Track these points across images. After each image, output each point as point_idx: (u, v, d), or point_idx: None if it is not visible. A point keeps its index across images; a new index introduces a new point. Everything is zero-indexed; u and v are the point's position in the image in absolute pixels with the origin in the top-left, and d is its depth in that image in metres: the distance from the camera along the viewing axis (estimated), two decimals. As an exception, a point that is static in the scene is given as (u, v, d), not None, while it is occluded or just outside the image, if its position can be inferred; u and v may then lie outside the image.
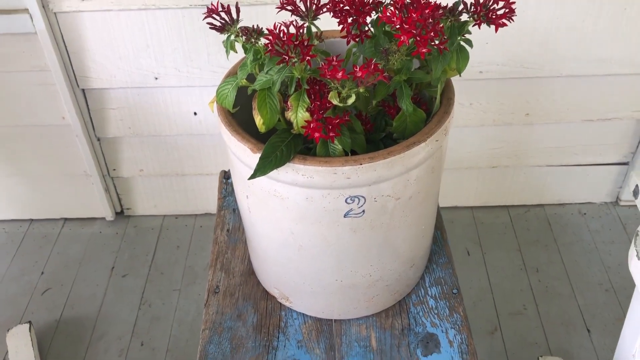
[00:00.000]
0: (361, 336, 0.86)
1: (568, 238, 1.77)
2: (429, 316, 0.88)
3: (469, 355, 0.82)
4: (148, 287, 1.72)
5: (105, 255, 1.81)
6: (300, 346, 0.85)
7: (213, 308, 0.90)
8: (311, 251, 0.78)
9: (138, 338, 1.59)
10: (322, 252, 0.77)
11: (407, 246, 0.81)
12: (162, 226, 1.89)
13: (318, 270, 0.80)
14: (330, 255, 0.78)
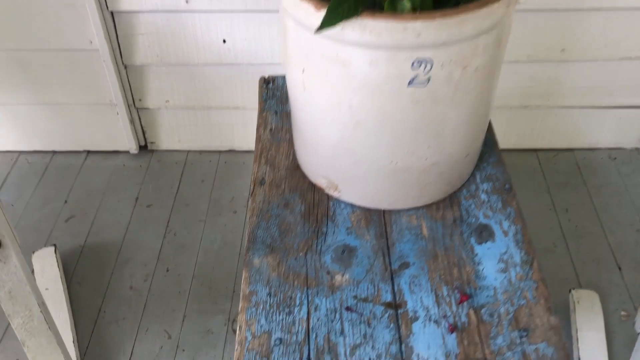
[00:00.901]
0: (412, 225, 0.84)
1: (598, 181, 1.75)
2: (481, 209, 0.86)
3: (525, 244, 0.81)
4: (173, 217, 1.70)
5: (129, 186, 1.80)
6: (349, 232, 0.83)
7: (260, 197, 0.88)
8: (368, 128, 0.76)
9: (163, 264, 1.58)
10: (380, 128, 0.75)
11: (465, 128, 0.78)
12: (186, 161, 1.87)
13: (373, 150, 0.78)
14: (388, 132, 0.75)
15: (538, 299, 0.75)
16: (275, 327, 0.74)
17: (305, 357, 0.71)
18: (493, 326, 0.73)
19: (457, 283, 0.77)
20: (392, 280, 0.78)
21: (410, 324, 0.73)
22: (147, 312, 1.48)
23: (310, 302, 0.76)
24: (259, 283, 0.78)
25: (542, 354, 0.70)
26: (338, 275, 0.79)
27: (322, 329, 0.73)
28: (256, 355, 0.71)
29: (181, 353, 1.39)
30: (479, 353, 0.70)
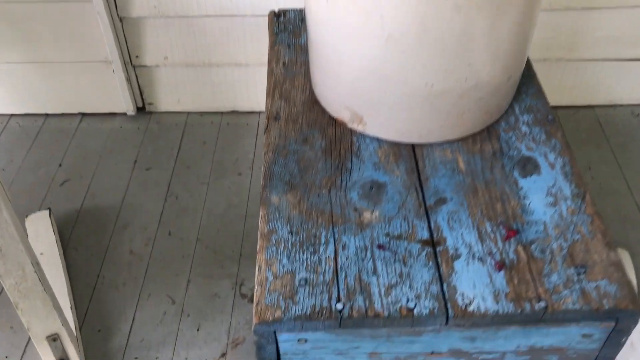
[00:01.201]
0: (446, 159, 0.76)
1: (621, 138, 1.66)
2: (523, 141, 0.77)
3: (575, 176, 0.72)
4: (174, 180, 1.61)
5: (127, 149, 1.70)
6: (377, 168, 0.75)
7: (275, 133, 0.79)
8: (402, 42, 0.67)
9: (165, 228, 1.49)
10: (416, 42, 0.66)
11: (510, 43, 0.69)
12: (186, 123, 1.78)
13: (406, 69, 0.69)
14: (425, 47, 0.66)
15: (594, 234, 0.67)
16: (299, 267, 0.65)
17: (335, 297, 0.62)
18: (546, 263, 0.64)
19: (502, 218, 0.69)
20: (428, 216, 0.70)
21: (451, 262, 0.65)
22: (148, 277, 1.39)
23: (337, 240, 0.68)
24: (278, 221, 0.70)
25: (603, 292, 0.62)
26: (367, 213, 0.70)
27: (352, 268, 0.65)
28: (279, 297, 0.62)
29: (186, 318, 1.31)
30: (532, 292, 0.62)
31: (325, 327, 0.61)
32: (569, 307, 0.60)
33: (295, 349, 0.64)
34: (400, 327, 0.62)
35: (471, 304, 0.61)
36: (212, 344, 1.28)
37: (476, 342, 0.64)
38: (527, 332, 0.62)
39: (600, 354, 0.65)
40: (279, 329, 0.61)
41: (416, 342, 0.64)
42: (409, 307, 0.61)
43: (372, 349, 0.65)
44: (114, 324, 1.31)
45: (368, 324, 0.61)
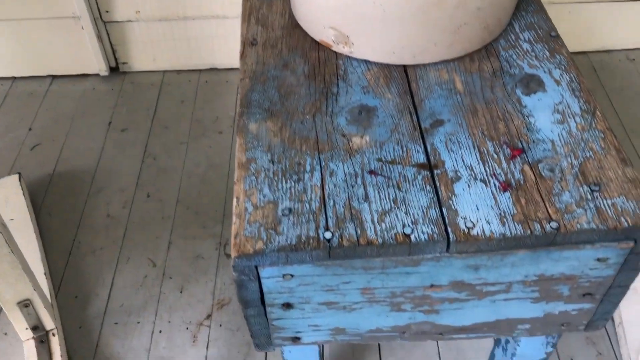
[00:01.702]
0: (442, 80, 0.69)
1: (617, 83, 1.60)
2: (525, 58, 0.70)
3: (583, 92, 0.66)
4: (151, 140, 1.53)
5: (101, 110, 1.61)
6: (366, 92, 0.68)
7: (252, 58, 0.72)
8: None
9: (143, 190, 1.42)
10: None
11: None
12: (162, 82, 1.68)
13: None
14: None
15: (607, 150, 0.61)
16: (282, 196, 0.58)
17: (323, 226, 0.56)
18: (555, 182, 0.58)
19: (505, 138, 0.62)
20: (424, 139, 0.63)
21: (451, 185, 0.58)
22: (127, 240, 1.32)
23: (324, 167, 0.61)
24: (257, 149, 0.63)
25: (621, 209, 0.55)
26: (356, 138, 0.63)
27: (341, 196, 0.58)
28: (260, 228, 0.56)
29: (168, 281, 1.24)
30: (542, 212, 0.56)
31: (313, 258, 0.55)
32: (583, 227, 0.54)
33: (280, 286, 0.58)
34: (396, 256, 0.55)
35: (474, 227, 0.55)
36: (197, 306, 1.21)
37: (480, 272, 0.58)
38: (536, 258, 0.56)
39: (615, 281, 0.60)
40: (261, 262, 0.54)
41: (413, 274, 0.57)
42: (405, 233, 0.55)
43: (364, 284, 0.58)
44: (91, 290, 1.24)
45: (360, 254, 0.55)
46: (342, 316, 0.63)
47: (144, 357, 1.13)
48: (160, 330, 1.17)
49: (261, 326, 0.63)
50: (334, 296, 0.60)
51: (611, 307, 0.64)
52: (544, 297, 0.61)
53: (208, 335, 1.16)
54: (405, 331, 0.65)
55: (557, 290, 0.60)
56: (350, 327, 0.64)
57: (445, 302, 0.61)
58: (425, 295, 0.60)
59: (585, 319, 0.65)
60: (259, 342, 0.66)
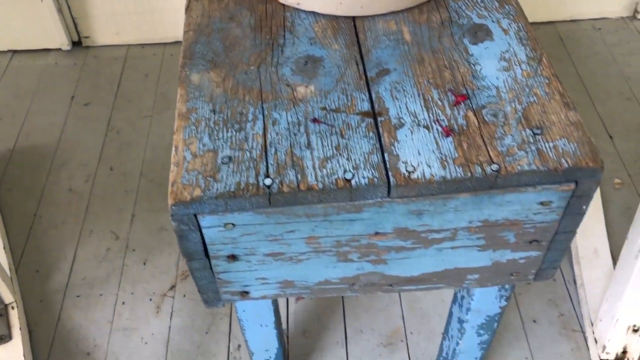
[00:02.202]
0: (390, 31, 0.68)
1: (583, 52, 1.61)
2: (474, 9, 0.70)
3: (530, 40, 0.65)
4: (115, 114, 1.50)
5: (63, 85, 1.58)
6: (313, 43, 0.67)
7: (197, 12, 0.70)
8: None
9: (106, 164, 1.39)
10: None
11: None
12: (126, 56, 1.65)
13: None
14: None
15: (552, 95, 0.60)
16: (222, 145, 0.57)
17: (263, 174, 0.55)
18: (498, 127, 0.58)
19: (451, 85, 0.62)
20: (369, 88, 0.62)
21: (394, 132, 0.58)
22: (90, 214, 1.30)
23: (267, 116, 0.60)
24: (199, 100, 0.61)
25: (562, 151, 0.55)
26: (301, 88, 0.62)
27: (283, 144, 0.57)
28: (198, 176, 0.54)
29: (131, 253, 1.23)
30: (483, 156, 0.55)
31: (253, 205, 0.54)
32: (524, 169, 0.54)
33: (223, 236, 0.57)
34: (337, 202, 0.54)
35: (415, 171, 0.54)
36: (160, 277, 1.20)
37: (423, 218, 0.57)
38: (478, 203, 0.56)
39: (560, 226, 0.60)
40: (200, 210, 0.53)
41: (357, 221, 0.57)
42: (346, 178, 0.54)
43: (309, 233, 0.58)
44: (53, 264, 1.22)
45: (301, 200, 0.54)
46: (290, 268, 0.62)
47: (106, 329, 1.12)
48: (123, 302, 1.15)
49: (207, 280, 0.63)
50: (279, 246, 0.59)
51: (558, 254, 0.64)
52: (491, 245, 0.61)
53: (172, 306, 1.14)
54: (355, 283, 0.65)
55: (503, 237, 0.60)
56: (299, 279, 0.64)
57: (391, 252, 0.61)
58: (371, 243, 0.60)
59: (533, 268, 0.65)
60: (207, 297, 0.65)
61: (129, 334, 1.11)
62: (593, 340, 1.04)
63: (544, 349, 1.07)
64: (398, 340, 1.09)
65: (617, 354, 1.00)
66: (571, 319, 1.10)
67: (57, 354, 1.08)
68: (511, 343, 1.08)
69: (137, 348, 1.09)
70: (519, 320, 1.10)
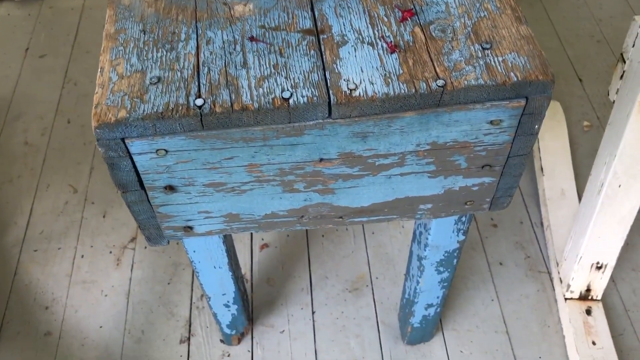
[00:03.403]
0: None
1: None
2: None
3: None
4: (72, 66, 1.45)
5: (17, 37, 1.51)
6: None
7: None
8: None
9: (63, 116, 1.34)
10: None
11: None
12: (84, 6, 1.58)
13: None
14: None
15: (503, 10, 0.57)
16: (151, 65, 0.53)
17: (194, 94, 0.51)
18: (446, 42, 0.54)
19: (398, 1, 0.58)
20: (312, 5, 0.58)
21: (336, 49, 0.54)
22: (47, 167, 1.25)
23: (200, 36, 0.56)
24: (128, 20, 0.57)
25: (511, 65, 0.52)
26: (238, 6, 0.58)
27: (217, 63, 0.53)
28: (124, 97, 0.51)
29: (90, 206, 1.19)
30: (429, 72, 0.52)
31: (183, 127, 0.50)
32: (471, 84, 0.51)
33: (156, 164, 0.53)
34: (276, 124, 0.51)
35: (357, 88, 0.51)
36: (121, 230, 1.16)
37: (369, 141, 0.54)
38: (425, 123, 0.53)
39: (512, 149, 0.57)
40: (126, 133, 0.50)
41: (299, 146, 0.54)
42: (284, 97, 0.51)
43: (248, 160, 0.54)
44: (9, 218, 1.18)
45: (236, 121, 0.51)
46: (234, 200, 0.59)
47: (65, 282, 1.09)
48: (82, 255, 1.12)
49: (146, 215, 0.59)
50: (219, 176, 0.56)
51: (513, 181, 0.62)
52: (441, 171, 0.59)
53: (132, 258, 1.12)
54: (304, 215, 0.62)
55: (453, 161, 0.58)
56: (244, 212, 0.61)
57: (339, 180, 0.58)
58: (316, 171, 0.57)
59: (488, 196, 0.63)
60: (150, 234, 0.62)
61: (88, 287, 1.08)
62: (558, 280, 1.03)
63: (509, 291, 1.06)
64: (363, 285, 1.07)
65: (581, 292, 0.99)
66: (537, 260, 1.10)
67: (14, 308, 1.05)
68: (477, 286, 1.07)
69: (97, 301, 1.06)
70: (486, 263, 1.09)
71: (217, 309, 0.89)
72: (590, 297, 0.99)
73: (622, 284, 1.06)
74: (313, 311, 1.04)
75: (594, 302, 0.99)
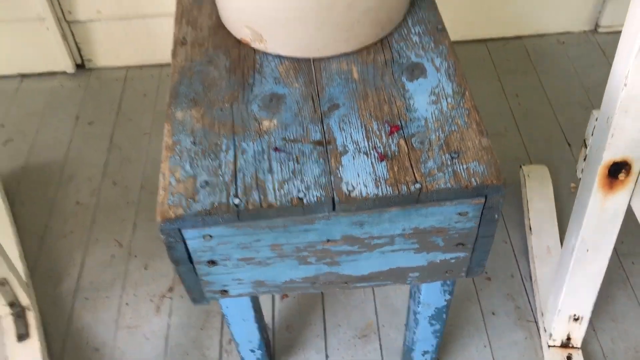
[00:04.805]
0: (342, 70, 0.81)
1: (547, 65, 1.73)
2: (412, 49, 0.83)
3: (457, 77, 0.78)
4: (116, 132, 1.64)
5: (69, 106, 1.72)
6: (277, 82, 0.80)
7: (181, 57, 0.83)
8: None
9: (109, 178, 1.53)
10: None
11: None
12: (126, 77, 1.79)
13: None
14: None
15: (469, 124, 0.73)
16: (200, 172, 0.70)
17: (233, 194, 0.68)
18: (423, 152, 0.71)
19: (388, 117, 0.75)
20: (322, 121, 0.75)
21: (339, 158, 0.71)
22: (95, 224, 1.44)
23: (237, 147, 0.73)
24: (182, 134, 0.75)
25: (473, 172, 0.68)
26: (266, 121, 0.75)
27: (250, 169, 0.70)
28: (181, 198, 0.68)
29: (133, 259, 1.36)
30: (409, 177, 0.68)
31: (225, 221, 0.67)
32: (441, 187, 0.67)
33: (203, 245, 0.70)
34: (293, 216, 0.67)
35: (354, 190, 0.67)
36: (160, 280, 1.33)
37: (365, 227, 0.70)
38: (407, 214, 0.69)
39: (479, 232, 0.72)
40: (182, 225, 0.67)
41: (311, 231, 0.70)
42: (299, 197, 0.67)
43: (272, 241, 0.71)
44: (63, 270, 1.36)
45: (264, 215, 0.67)
46: (260, 270, 0.75)
47: (112, 327, 1.25)
48: (126, 302, 1.29)
49: (193, 282, 0.76)
50: (249, 252, 0.72)
51: (483, 255, 0.77)
52: (424, 248, 0.74)
53: (170, 306, 1.28)
54: (315, 282, 0.78)
55: (433, 241, 0.73)
56: (268, 279, 0.77)
57: (343, 255, 0.74)
58: (325, 249, 0.73)
59: (464, 266, 0.78)
60: (194, 296, 0.78)
61: (132, 331, 1.24)
62: (543, 329, 1.17)
63: (501, 338, 1.20)
64: (371, 332, 1.22)
65: (562, 341, 1.12)
66: (526, 311, 1.23)
67: (70, 350, 1.22)
68: (472, 334, 1.21)
69: (140, 344, 1.22)
70: (480, 312, 1.23)
71: (244, 353, 1.04)
72: (571, 345, 1.12)
73: (602, 333, 1.19)
74: (327, 355, 1.19)
75: (574, 350, 1.12)
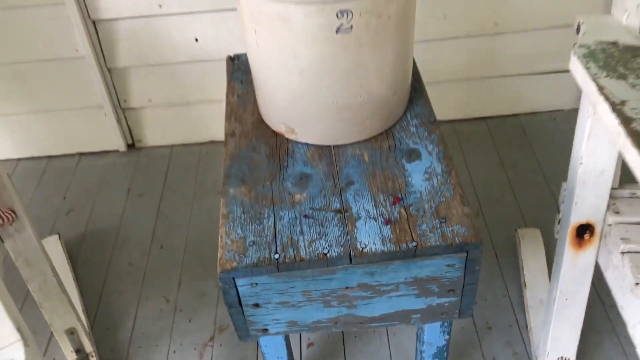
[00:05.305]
0: (355, 154, 1.03)
1: (541, 139, 1.95)
2: (411, 138, 1.05)
3: (446, 159, 1.00)
4: (163, 202, 1.88)
5: (121, 180, 1.98)
6: (306, 164, 1.02)
7: (231, 145, 1.07)
8: (311, 73, 0.95)
9: (157, 242, 1.76)
10: (320, 72, 0.95)
11: (389, 69, 0.98)
12: (171, 154, 2.06)
13: (317, 92, 0.97)
14: (327, 75, 0.95)
15: (454, 196, 0.94)
16: (249, 234, 0.92)
17: (274, 251, 0.89)
18: (419, 218, 0.91)
19: (391, 191, 0.96)
20: (341, 194, 0.97)
21: (354, 222, 0.92)
22: (146, 282, 1.65)
23: (276, 214, 0.95)
24: (234, 205, 0.97)
25: (457, 233, 0.88)
26: (297, 195, 0.97)
27: (286, 231, 0.92)
28: (235, 254, 0.89)
29: (179, 313, 1.56)
30: (408, 237, 0.89)
31: (267, 271, 0.87)
32: (432, 244, 0.87)
33: (250, 291, 0.90)
34: (319, 268, 0.88)
35: (366, 247, 0.88)
36: (202, 331, 1.52)
37: (375, 276, 0.90)
38: (407, 266, 0.89)
39: (465, 280, 0.92)
40: (236, 275, 0.87)
41: (333, 279, 0.90)
42: (324, 252, 0.88)
43: (303, 288, 0.91)
44: (119, 322, 1.56)
45: (297, 267, 0.88)
46: (293, 312, 0.95)
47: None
48: (174, 351, 1.48)
49: (241, 321, 0.96)
50: (286, 297, 0.92)
51: (470, 299, 0.96)
52: (422, 293, 0.93)
53: (212, 354, 1.46)
54: (337, 322, 0.97)
55: (429, 288, 0.93)
56: (300, 320, 0.96)
57: (359, 299, 0.94)
58: (344, 294, 0.92)
59: (456, 309, 0.97)
60: (241, 333, 0.98)
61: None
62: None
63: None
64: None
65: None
66: (523, 357, 1.39)
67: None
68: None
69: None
70: (482, 357, 1.39)
71: (277, 391, 1.22)
72: (562, 385, 1.28)
73: (591, 375, 1.34)
74: (348, 396, 1.35)
75: (565, 389, 1.28)
